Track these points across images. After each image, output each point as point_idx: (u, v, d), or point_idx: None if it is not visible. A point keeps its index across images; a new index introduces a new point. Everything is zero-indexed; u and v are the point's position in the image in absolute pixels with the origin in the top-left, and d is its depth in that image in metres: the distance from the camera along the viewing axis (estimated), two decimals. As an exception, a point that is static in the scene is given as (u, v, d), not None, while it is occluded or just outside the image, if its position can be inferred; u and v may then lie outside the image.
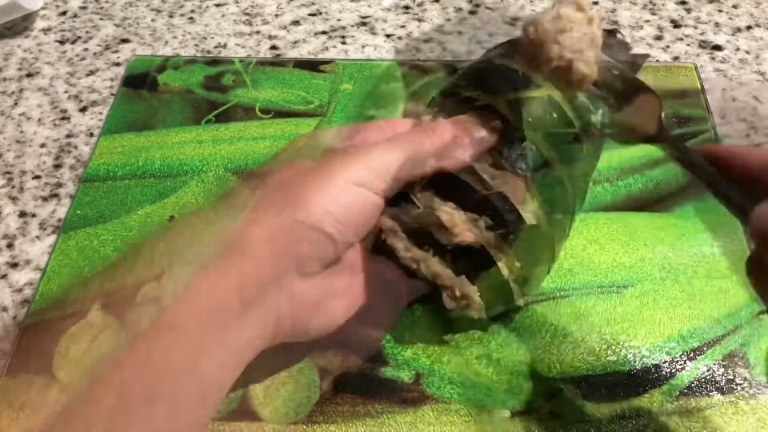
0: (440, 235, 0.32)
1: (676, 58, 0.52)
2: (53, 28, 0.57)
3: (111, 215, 0.43)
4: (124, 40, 0.55)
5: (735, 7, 0.56)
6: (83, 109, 0.50)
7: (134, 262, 0.40)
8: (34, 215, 0.44)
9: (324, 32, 0.55)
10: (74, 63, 0.54)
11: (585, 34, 0.32)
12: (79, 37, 0.56)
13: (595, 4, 0.57)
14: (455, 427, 0.34)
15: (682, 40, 0.53)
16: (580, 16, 0.33)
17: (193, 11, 0.58)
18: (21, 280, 0.41)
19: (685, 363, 0.36)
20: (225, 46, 0.54)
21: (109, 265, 0.40)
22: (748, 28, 0.54)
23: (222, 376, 0.28)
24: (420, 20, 0.56)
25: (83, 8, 0.58)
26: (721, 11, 0.56)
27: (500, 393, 0.35)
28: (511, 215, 0.32)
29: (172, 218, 0.43)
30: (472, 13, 0.56)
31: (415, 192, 0.33)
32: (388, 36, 0.54)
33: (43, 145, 0.48)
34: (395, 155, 0.31)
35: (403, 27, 0.55)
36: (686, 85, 0.49)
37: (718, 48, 0.53)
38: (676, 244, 0.41)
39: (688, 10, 0.56)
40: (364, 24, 0.56)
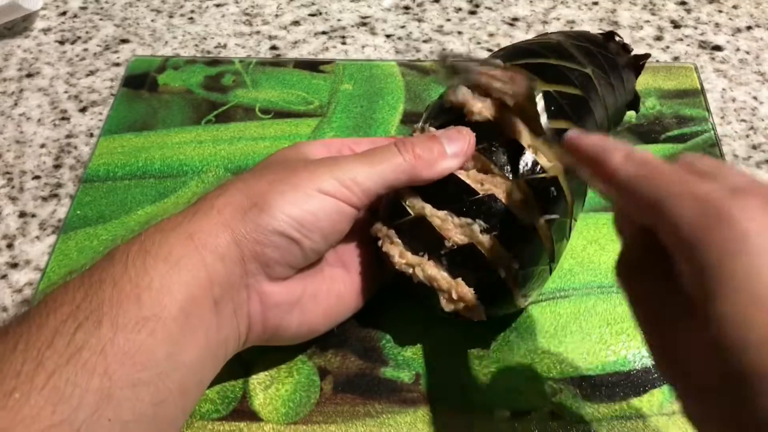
0: (434, 241, 0.32)
1: (676, 59, 0.52)
2: (53, 29, 0.57)
3: (111, 215, 0.43)
4: (124, 41, 0.55)
5: (735, 7, 0.56)
6: (83, 110, 0.50)
7: None
8: (34, 215, 0.44)
9: (324, 32, 0.55)
10: (74, 63, 0.54)
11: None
12: (79, 38, 0.56)
13: (595, 4, 0.57)
14: (455, 428, 0.34)
15: (682, 40, 0.53)
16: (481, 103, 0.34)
17: (193, 11, 0.58)
18: (21, 281, 0.41)
19: (685, 363, 0.36)
20: (225, 47, 0.54)
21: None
22: (748, 28, 0.54)
23: (201, 371, 0.29)
24: (420, 20, 0.56)
25: (83, 8, 0.58)
26: (721, 12, 0.56)
27: (500, 393, 0.35)
28: (505, 217, 0.32)
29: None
30: (472, 13, 0.56)
31: (405, 199, 0.33)
32: (388, 36, 0.55)
33: (43, 146, 0.48)
34: (364, 168, 0.31)
35: (403, 27, 0.55)
36: (686, 85, 0.49)
37: (718, 48, 0.53)
38: (676, 245, 0.41)
39: (688, 11, 0.56)
40: (364, 24, 0.56)
